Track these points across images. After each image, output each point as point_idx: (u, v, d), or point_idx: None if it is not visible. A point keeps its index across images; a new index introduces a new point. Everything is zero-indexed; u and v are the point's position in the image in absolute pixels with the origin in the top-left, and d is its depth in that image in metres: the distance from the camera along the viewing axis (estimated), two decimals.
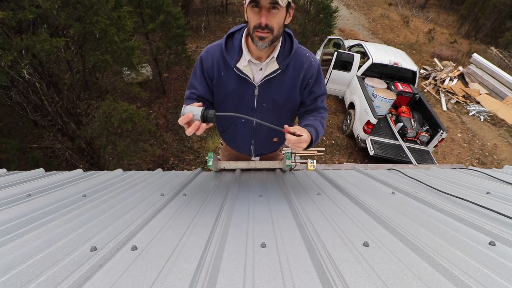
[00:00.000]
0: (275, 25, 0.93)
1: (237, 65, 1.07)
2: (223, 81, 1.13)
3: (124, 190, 1.27)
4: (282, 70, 1.08)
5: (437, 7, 15.12)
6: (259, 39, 0.95)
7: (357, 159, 5.22)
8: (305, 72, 1.12)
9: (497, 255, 0.68)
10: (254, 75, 1.11)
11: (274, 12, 0.90)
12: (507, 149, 6.05)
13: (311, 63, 1.12)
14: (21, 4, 2.37)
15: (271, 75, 1.09)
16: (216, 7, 10.51)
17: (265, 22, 0.90)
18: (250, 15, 0.94)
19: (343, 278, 0.59)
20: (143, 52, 5.49)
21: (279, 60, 1.07)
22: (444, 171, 1.84)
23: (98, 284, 0.57)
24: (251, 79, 1.10)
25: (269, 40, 0.95)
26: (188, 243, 0.75)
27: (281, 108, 1.20)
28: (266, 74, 1.09)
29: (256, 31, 0.93)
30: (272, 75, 1.08)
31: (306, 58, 1.12)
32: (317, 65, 1.15)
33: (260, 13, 0.90)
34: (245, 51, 1.05)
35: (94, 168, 3.88)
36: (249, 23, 0.96)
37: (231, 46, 1.09)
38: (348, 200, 1.10)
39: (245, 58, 1.06)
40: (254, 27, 0.93)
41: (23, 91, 2.98)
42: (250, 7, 0.92)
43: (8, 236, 0.79)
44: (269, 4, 0.87)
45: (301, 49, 1.13)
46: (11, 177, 1.52)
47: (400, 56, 5.82)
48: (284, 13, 0.95)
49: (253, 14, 0.92)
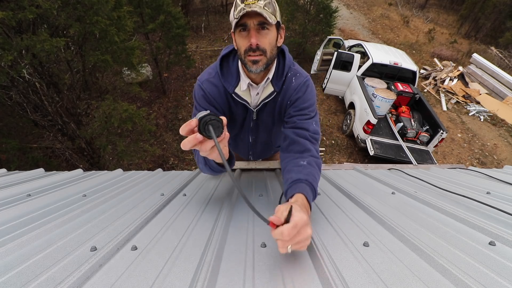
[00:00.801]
0: (267, 45, 0.87)
1: (235, 91, 1.00)
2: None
3: (124, 190, 1.27)
4: (277, 92, 1.01)
5: (437, 7, 15.12)
6: (253, 63, 0.88)
7: (357, 159, 5.22)
8: (293, 92, 1.01)
9: (497, 255, 0.68)
10: (252, 100, 1.04)
11: (264, 32, 0.85)
12: (507, 149, 6.05)
13: (300, 85, 1.00)
14: (21, 4, 2.37)
15: (268, 99, 1.01)
16: (216, 7, 10.51)
17: (255, 42, 0.84)
18: (239, 41, 0.88)
19: (343, 278, 0.59)
20: (143, 52, 5.50)
21: (274, 82, 0.99)
22: (444, 171, 1.84)
23: (98, 284, 0.57)
24: (249, 104, 1.04)
25: (264, 63, 0.88)
26: (188, 243, 0.75)
27: (273, 126, 1.16)
28: (263, 98, 1.02)
29: (248, 55, 0.87)
30: (268, 98, 1.01)
31: (296, 78, 1.01)
32: (306, 88, 1.00)
33: (249, 35, 0.85)
34: (243, 74, 0.98)
35: (94, 168, 3.88)
36: (239, 49, 0.90)
37: (227, 70, 1.01)
38: (348, 200, 1.10)
39: (244, 81, 0.98)
40: (245, 51, 0.87)
41: (23, 91, 2.98)
42: (238, 33, 0.86)
43: (8, 236, 0.79)
44: (257, 25, 0.83)
45: (295, 69, 1.03)
46: (11, 177, 1.52)
47: (400, 56, 5.82)
48: (275, 33, 0.89)
49: (241, 38, 0.87)
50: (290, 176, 0.84)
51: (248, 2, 0.80)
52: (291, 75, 1.01)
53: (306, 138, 0.92)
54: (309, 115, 0.96)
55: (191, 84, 6.80)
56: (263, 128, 1.16)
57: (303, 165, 0.87)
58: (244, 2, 0.81)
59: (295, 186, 0.79)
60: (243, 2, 0.81)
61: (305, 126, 0.94)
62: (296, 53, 7.46)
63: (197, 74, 6.98)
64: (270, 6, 0.83)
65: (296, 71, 1.02)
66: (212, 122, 0.56)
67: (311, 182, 0.81)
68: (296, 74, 1.01)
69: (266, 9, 0.81)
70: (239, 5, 0.82)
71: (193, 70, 7.02)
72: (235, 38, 0.90)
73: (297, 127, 0.95)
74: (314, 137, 0.94)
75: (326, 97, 6.71)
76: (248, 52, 0.86)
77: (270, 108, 1.06)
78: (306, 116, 0.96)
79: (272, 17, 0.82)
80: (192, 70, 6.99)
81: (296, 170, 0.85)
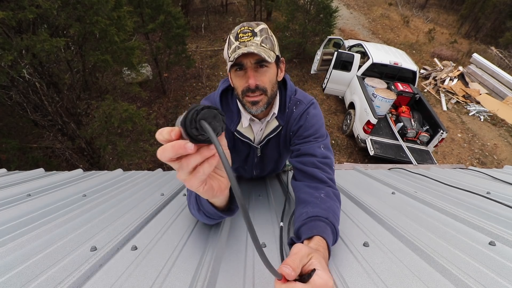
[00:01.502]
0: (267, 84, 0.77)
1: (237, 128, 0.92)
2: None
3: (124, 190, 1.27)
4: (283, 126, 0.92)
5: (437, 7, 15.12)
6: (252, 105, 0.79)
7: (357, 159, 5.22)
8: (294, 122, 0.92)
9: (497, 255, 0.68)
10: (255, 136, 0.96)
11: (262, 70, 0.76)
12: (507, 149, 6.05)
13: (300, 114, 0.91)
14: (21, 4, 2.37)
15: (272, 134, 0.93)
16: (216, 7, 10.51)
17: (254, 83, 0.74)
18: (236, 80, 0.79)
19: (343, 278, 0.59)
20: (143, 52, 5.50)
21: (279, 116, 0.90)
22: (444, 171, 1.84)
23: (98, 284, 0.57)
24: (252, 141, 0.96)
25: (264, 103, 0.80)
26: (188, 243, 0.75)
27: (280, 157, 1.09)
28: (267, 134, 0.93)
29: (246, 95, 0.78)
30: (273, 133, 0.93)
31: (297, 107, 0.92)
32: (307, 116, 0.90)
33: (246, 74, 0.75)
34: (243, 111, 0.90)
35: (94, 168, 3.88)
36: (236, 89, 0.81)
37: (227, 107, 0.93)
38: (348, 200, 1.10)
39: (245, 118, 0.90)
40: (243, 91, 0.78)
41: (23, 91, 2.98)
42: (233, 72, 0.77)
43: (8, 236, 0.79)
44: (254, 63, 0.73)
45: (295, 98, 0.93)
46: (11, 177, 1.52)
47: (400, 56, 5.82)
48: (275, 69, 0.80)
49: (238, 78, 0.78)
50: (305, 211, 0.69)
51: (243, 39, 0.72)
52: (292, 105, 0.92)
53: (314, 166, 0.80)
54: (315, 141, 0.86)
55: (191, 84, 6.79)
56: (268, 161, 1.09)
57: (321, 198, 0.72)
58: (239, 40, 0.72)
59: (313, 224, 0.64)
60: (238, 39, 0.73)
61: (311, 152, 0.82)
62: (296, 53, 7.47)
63: (197, 74, 7.01)
64: (267, 41, 0.74)
65: (296, 100, 0.93)
66: (204, 113, 0.32)
67: (332, 222, 0.65)
68: (297, 102, 0.92)
69: (263, 45, 0.73)
70: (233, 42, 0.74)
71: (193, 70, 7.03)
72: (231, 76, 0.82)
73: (302, 154, 0.84)
74: (324, 162, 0.81)
75: (326, 97, 6.71)
76: (247, 92, 0.77)
77: (274, 142, 0.99)
78: (311, 142, 0.86)
79: (271, 54, 0.73)
80: (192, 70, 6.99)
81: (313, 203, 0.71)
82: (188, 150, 0.33)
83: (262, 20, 10.05)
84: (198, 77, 6.98)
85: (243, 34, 0.73)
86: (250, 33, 0.73)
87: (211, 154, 0.36)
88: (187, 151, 0.34)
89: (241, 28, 0.74)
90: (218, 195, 0.47)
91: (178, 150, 0.34)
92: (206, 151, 0.36)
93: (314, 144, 0.84)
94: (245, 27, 0.74)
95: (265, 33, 0.75)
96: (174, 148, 0.34)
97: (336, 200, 0.75)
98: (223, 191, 0.47)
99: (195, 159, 0.36)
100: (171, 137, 0.34)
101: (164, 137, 0.34)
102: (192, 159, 0.36)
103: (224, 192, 0.48)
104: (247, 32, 0.73)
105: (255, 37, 0.73)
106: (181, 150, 0.34)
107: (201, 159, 0.36)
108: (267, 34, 0.75)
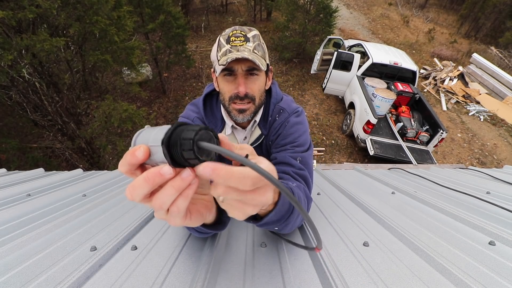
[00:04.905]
0: (256, 92, 0.75)
1: None
2: None
3: (124, 190, 1.27)
4: (265, 135, 0.89)
5: (437, 7, 15.11)
6: (239, 112, 0.76)
7: (357, 159, 5.22)
8: (274, 131, 0.88)
9: (497, 255, 0.68)
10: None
11: (253, 78, 0.73)
12: (507, 149, 6.05)
13: (281, 122, 0.86)
14: (21, 4, 2.37)
15: (256, 143, 0.89)
16: (216, 7, 10.51)
17: (244, 91, 0.72)
18: (224, 85, 0.75)
19: (343, 278, 0.59)
20: (143, 52, 5.49)
21: (261, 124, 0.88)
22: (444, 171, 1.84)
23: (98, 284, 0.57)
24: None
25: (251, 111, 0.77)
26: (188, 243, 0.75)
27: None
28: (251, 143, 0.90)
29: (233, 102, 0.74)
30: (257, 142, 0.89)
31: (280, 115, 0.87)
32: (287, 124, 0.84)
33: (236, 80, 0.72)
34: (226, 118, 0.86)
35: (94, 168, 3.89)
36: (223, 94, 0.77)
37: (210, 112, 0.89)
38: (348, 200, 1.10)
39: (228, 126, 0.87)
40: (230, 98, 0.74)
41: (23, 91, 2.98)
42: (222, 76, 0.73)
43: (8, 236, 0.79)
44: (245, 70, 0.71)
45: (280, 106, 0.88)
46: (11, 177, 1.52)
47: (400, 56, 5.82)
48: (264, 77, 0.78)
49: (227, 83, 0.74)
50: None
51: (234, 43, 0.69)
52: (275, 113, 0.88)
53: (288, 174, 0.73)
54: (291, 150, 0.79)
55: (191, 84, 6.79)
56: None
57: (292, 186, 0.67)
58: (231, 43, 0.69)
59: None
60: (229, 42, 0.70)
61: (286, 161, 0.76)
62: (296, 53, 7.47)
63: (197, 74, 7.01)
64: (259, 48, 0.72)
65: (280, 108, 0.88)
66: (202, 134, 0.27)
67: (294, 191, 0.59)
68: (280, 111, 0.87)
69: (256, 52, 0.71)
70: (224, 45, 0.70)
71: (193, 70, 7.02)
72: (217, 80, 0.77)
73: (277, 162, 0.78)
74: (299, 173, 0.73)
75: (326, 97, 6.71)
76: (234, 99, 0.74)
77: (259, 152, 0.93)
78: (288, 151, 0.79)
79: (262, 62, 0.71)
80: (192, 70, 6.99)
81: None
82: (167, 176, 0.27)
83: (262, 20, 10.05)
84: (198, 77, 6.98)
85: (235, 37, 0.70)
86: (243, 37, 0.70)
87: (186, 185, 0.28)
88: (165, 177, 0.27)
89: (233, 31, 0.71)
90: (208, 216, 0.40)
91: (154, 180, 0.27)
92: (179, 182, 0.28)
93: (291, 154, 0.77)
94: (237, 30, 0.71)
95: (257, 39, 0.73)
96: (148, 180, 0.27)
97: (304, 195, 0.66)
98: (211, 209, 0.40)
99: (168, 196, 0.28)
100: (138, 158, 0.28)
101: (130, 161, 0.28)
102: (165, 198, 0.28)
103: (212, 210, 0.41)
104: (239, 36, 0.70)
105: (248, 43, 0.70)
106: (157, 178, 0.27)
107: (176, 194, 0.28)
108: (259, 41, 0.73)
